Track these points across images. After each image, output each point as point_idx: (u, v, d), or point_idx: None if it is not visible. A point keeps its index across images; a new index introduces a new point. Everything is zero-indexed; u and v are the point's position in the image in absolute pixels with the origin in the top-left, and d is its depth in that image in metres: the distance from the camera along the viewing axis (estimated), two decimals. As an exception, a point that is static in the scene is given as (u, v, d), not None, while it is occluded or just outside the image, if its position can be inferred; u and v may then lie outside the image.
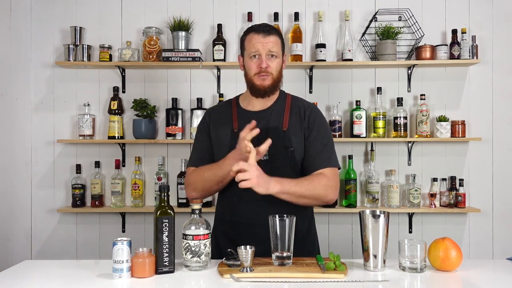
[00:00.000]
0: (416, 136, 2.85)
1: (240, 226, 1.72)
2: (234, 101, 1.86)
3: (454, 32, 2.83)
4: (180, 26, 2.86)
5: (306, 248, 1.78)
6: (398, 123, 2.83)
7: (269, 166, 1.67)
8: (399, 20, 2.94)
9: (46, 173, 2.96)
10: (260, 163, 1.66)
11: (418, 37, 2.88)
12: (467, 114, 2.93)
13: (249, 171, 1.50)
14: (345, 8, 2.93)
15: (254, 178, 1.51)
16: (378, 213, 1.46)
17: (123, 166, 2.95)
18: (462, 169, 2.93)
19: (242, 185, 1.50)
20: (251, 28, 1.75)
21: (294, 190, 1.61)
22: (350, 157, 2.88)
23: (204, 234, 1.44)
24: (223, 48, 2.85)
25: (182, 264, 1.47)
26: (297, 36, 2.85)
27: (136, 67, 2.92)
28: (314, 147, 1.73)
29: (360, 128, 2.81)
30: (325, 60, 2.85)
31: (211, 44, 2.91)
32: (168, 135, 2.85)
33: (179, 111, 2.87)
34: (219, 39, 2.86)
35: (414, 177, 2.88)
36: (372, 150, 2.92)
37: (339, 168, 1.78)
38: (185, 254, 1.44)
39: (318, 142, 1.73)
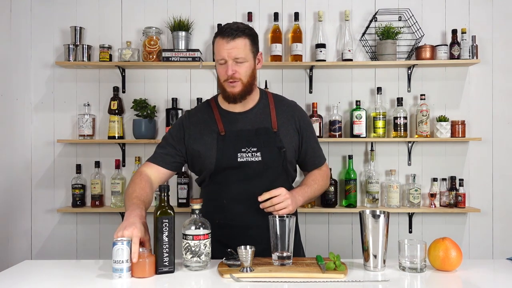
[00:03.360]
0: (416, 136, 2.85)
1: (233, 229, 1.70)
2: (213, 102, 1.80)
3: (454, 32, 2.83)
4: (180, 26, 2.86)
5: (294, 249, 1.76)
6: (398, 123, 2.83)
7: (261, 166, 1.68)
8: (399, 20, 2.94)
9: (46, 173, 2.96)
10: (252, 164, 1.67)
11: (418, 37, 2.88)
12: (467, 114, 2.93)
13: (285, 200, 1.57)
14: (345, 8, 2.93)
15: (290, 205, 1.58)
16: (378, 213, 1.46)
17: (123, 166, 2.95)
18: (462, 169, 2.93)
19: (280, 213, 1.55)
20: (219, 30, 1.67)
21: (312, 195, 1.75)
22: (350, 157, 2.88)
23: (204, 234, 1.44)
24: (223, 48, 2.84)
25: (182, 264, 1.47)
26: (297, 36, 2.85)
27: (136, 67, 2.92)
28: (311, 147, 1.82)
29: (360, 128, 2.81)
30: (325, 60, 2.85)
31: (211, 44, 2.91)
32: (168, 135, 2.85)
33: (179, 111, 2.87)
34: (219, 39, 2.86)
35: (414, 177, 2.88)
36: (372, 150, 2.92)
37: None
38: (185, 254, 1.44)
39: (312, 142, 1.83)
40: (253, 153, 1.68)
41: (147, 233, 1.44)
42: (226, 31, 1.63)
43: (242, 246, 1.40)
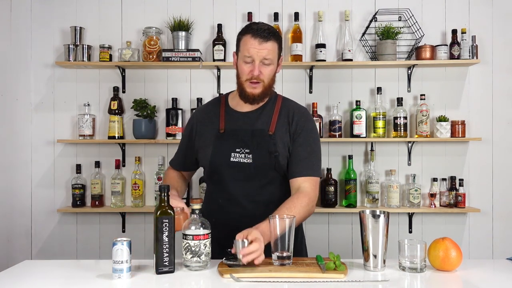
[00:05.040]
0: (416, 136, 2.85)
1: (227, 229, 1.67)
2: (223, 100, 1.81)
3: (454, 32, 2.83)
4: (180, 26, 2.86)
5: (295, 247, 1.76)
6: (398, 123, 2.83)
7: (252, 168, 1.67)
8: (399, 20, 2.94)
9: (46, 173, 2.96)
10: (244, 165, 1.67)
11: (418, 37, 2.88)
12: (467, 114, 2.93)
13: (257, 250, 1.42)
14: (345, 8, 2.93)
15: (261, 253, 1.43)
16: (378, 213, 1.46)
17: (123, 166, 2.95)
18: (462, 169, 2.93)
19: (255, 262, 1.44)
20: (249, 28, 1.65)
21: (285, 227, 1.55)
22: (350, 157, 2.88)
23: (204, 234, 1.44)
24: (223, 48, 2.85)
25: (182, 264, 1.47)
26: (297, 36, 2.85)
27: (136, 67, 2.92)
28: (298, 154, 1.69)
29: (360, 128, 2.81)
30: (325, 60, 2.85)
31: (211, 44, 2.91)
32: (168, 135, 2.85)
33: (179, 111, 2.87)
34: (219, 39, 2.86)
35: (414, 177, 2.88)
36: (372, 150, 2.92)
37: (320, 178, 1.77)
38: (185, 254, 1.44)
39: (303, 149, 1.70)
40: (246, 155, 1.67)
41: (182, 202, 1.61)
42: (259, 32, 1.61)
43: (240, 240, 1.41)
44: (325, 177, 2.85)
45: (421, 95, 2.86)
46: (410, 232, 2.92)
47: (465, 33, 2.84)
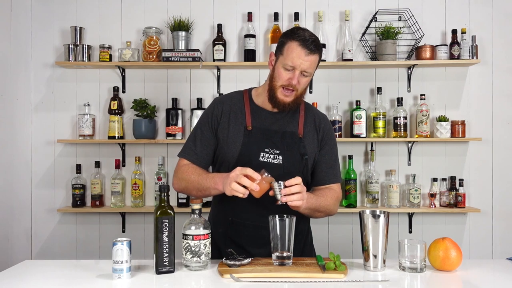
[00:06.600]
0: (416, 136, 2.85)
1: (246, 228, 1.68)
2: (246, 95, 1.77)
3: (454, 32, 2.83)
4: (180, 26, 2.86)
5: (307, 247, 1.78)
6: (398, 123, 2.83)
7: (281, 170, 1.65)
8: (399, 20, 2.94)
9: (46, 173, 2.96)
10: (273, 166, 1.64)
11: (418, 37, 2.88)
12: (467, 114, 2.93)
13: (302, 192, 1.49)
14: (345, 8, 2.93)
15: (305, 200, 1.51)
16: (378, 213, 1.46)
17: (123, 166, 2.95)
18: (462, 169, 2.93)
19: (292, 204, 1.49)
20: (296, 35, 1.61)
21: (315, 205, 1.63)
22: (350, 157, 2.88)
23: (204, 234, 1.44)
24: (223, 48, 2.85)
25: (182, 264, 1.47)
26: (297, 36, 2.85)
27: (136, 67, 2.92)
28: (326, 162, 1.75)
29: (360, 128, 2.81)
30: (325, 60, 2.85)
31: (211, 44, 2.91)
32: (168, 135, 2.85)
33: (179, 111, 2.87)
34: (219, 39, 2.86)
35: (414, 177, 2.88)
36: (372, 150, 2.92)
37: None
38: (185, 254, 1.44)
39: (329, 157, 1.76)
40: (275, 156, 1.66)
41: None
42: (307, 43, 1.59)
43: (275, 182, 1.46)
44: (325, 177, 2.85)
45: (421, 95, 2.86)
46: (410, 232, 2.92)
47: (465, 33, 2.84)
